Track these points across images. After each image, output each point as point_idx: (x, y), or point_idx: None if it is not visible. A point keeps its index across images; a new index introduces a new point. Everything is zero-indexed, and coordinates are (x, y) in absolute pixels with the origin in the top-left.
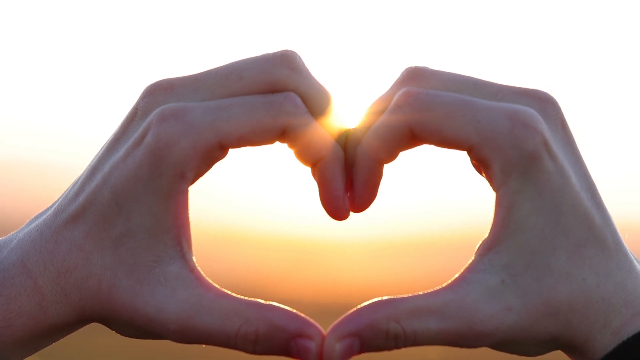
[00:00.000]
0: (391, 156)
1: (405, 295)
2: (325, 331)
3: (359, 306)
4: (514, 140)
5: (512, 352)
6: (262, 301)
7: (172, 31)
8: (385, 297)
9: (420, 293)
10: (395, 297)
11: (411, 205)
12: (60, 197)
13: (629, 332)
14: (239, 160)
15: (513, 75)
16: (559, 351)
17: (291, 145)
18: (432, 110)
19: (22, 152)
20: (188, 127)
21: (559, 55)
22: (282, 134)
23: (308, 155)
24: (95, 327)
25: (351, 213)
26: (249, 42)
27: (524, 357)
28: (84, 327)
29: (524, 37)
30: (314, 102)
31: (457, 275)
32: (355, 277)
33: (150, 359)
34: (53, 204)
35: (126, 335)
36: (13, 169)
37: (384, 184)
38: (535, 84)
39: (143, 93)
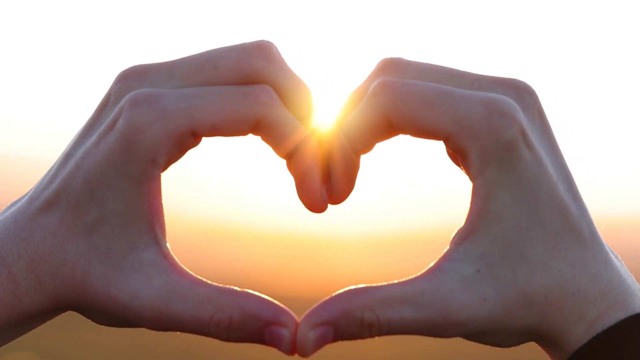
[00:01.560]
0: (368, 147)
1: (380, 284)
2: (299, 319)
3: (333, 294)
4: (491, 129)
5: (486, 343)
6: (237, 288)
7: (147, 20)
8: (359, 285)
9: (395, 282)
10: (369, 285)
11: (407, 200)
12: (36, 184)
13: (603, 324)
14: (231, 154)
15: (496, 70)
16: (535, 345)
17: (265, 138)
18: (408, 100)
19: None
20: (160, 112)
21: (544, 52)
22: (256, 126)
23: (283, 148)
24: (93, 325)
25: (329, 205)
26: (225, 30)
27: (497, 348)
28: (81, 325)
29: (508, 31)
30: (289, 94)
31: (432, 264)
32: (351, 273)
33: (152, 357)
34: (28, 192)
35: (102, 324)
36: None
37: (363, 176)
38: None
39: (116, 78)
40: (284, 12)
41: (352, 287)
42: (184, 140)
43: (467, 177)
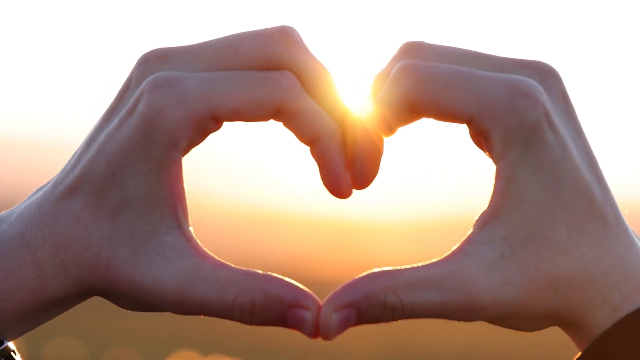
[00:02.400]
0: (391, 130)
1: (403, 267)
2: (321, 302)
3: (356, 277)
4: (514, 111)
5: (510, 327)
6: (259, 271)
7: (169, 5)
8: (382, 268)
9: (418, 265)
10: (392, 268)
11: (451, 186)
12: (61, 170)
13: (627, 308)
14: (273, 139)
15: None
16: (558, 336)
17: (287, 124)
18: (431, 82)
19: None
20: (181, 95)
21: (562, 34)
22: (277, 112)
23: (305, 134)
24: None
25: (354, 191)
26: (247, 16)
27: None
28: (125, 312)
29: (527, 14)
30: (310, 80)
31: (455, 247)
32: (393, 259)
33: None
34: (54, 177)
35: (127, 308)
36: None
37: (385, 160)
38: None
39: (138, 62)
40: None
41: (375, 270)
42: (205, 124)
43: (490, 160)
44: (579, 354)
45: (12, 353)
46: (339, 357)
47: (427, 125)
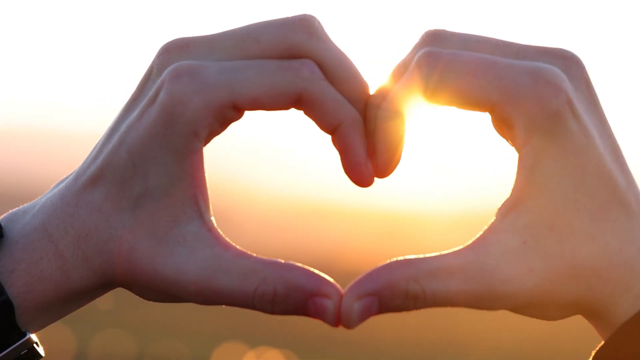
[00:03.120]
0: (412, 119)
1: (424, 255)
2: (343, 290)
3: (377, 266)
4: (537, 99)
5: (533, 316)
6: (281, 260)
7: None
8: (404, 257)
9: (440, 253)
10: (415, 256)
11: (497, 178)
12: (83, 161)
13: None
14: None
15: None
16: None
17: (307, 113)
18: (453, 70)
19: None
20: (201, 85)
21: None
22: (298, 101)
23: (326, 122)
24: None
25: (375, 179)
26: (267, 5)
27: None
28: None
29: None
30: (332, 68)
31: (478, 235)
32: (433, 250)
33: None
34: (76, 169)
35: (149, 299)
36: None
37: (407, 148)
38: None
39: (159, 51)
40: None
41: (396, 258)
42: (225, 113)
43: (513, 148)
44: (602, 342)
45: (34, 345)
46: (384, 350)
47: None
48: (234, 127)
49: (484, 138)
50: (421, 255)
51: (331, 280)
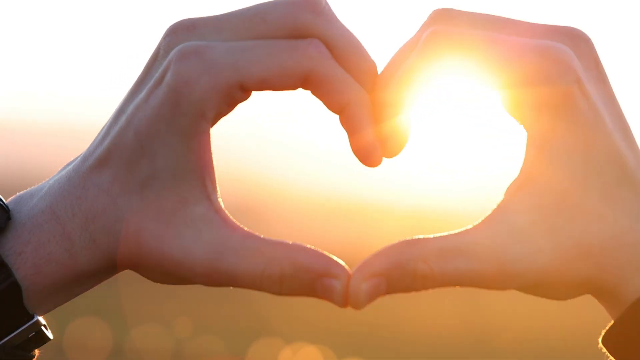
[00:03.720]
0: (421, 98)
1: (432, 235)
2: (351, 271)
3: (385, 246)
4: (545, 78)
5: (542, 296)
6: (288, 241)
7: None
8: (412, 237)
9: (449, 233)
10: (423, 236)
11: None
12: (91, 143)
13: None
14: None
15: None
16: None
17: (315, 92)
18: (462, 49)
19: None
20: (208, 65)
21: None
22: (306, 81)
23: (333, 102)
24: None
25: (384, 159)
26: None
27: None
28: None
29: None
30: (339, 48)
31: (486, 215)
32: None
33: None
34: (83, 151)
35: (156, 281)
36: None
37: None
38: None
39: (165, 32)
40: None
41: (406, 238)
42: (233, 94)
43: (521, 127)
44: (612, 322)
45: (42, 327)
46: (419, 347)
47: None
48: (265, 122)
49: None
50: (429, 235)
51: (339, 260)
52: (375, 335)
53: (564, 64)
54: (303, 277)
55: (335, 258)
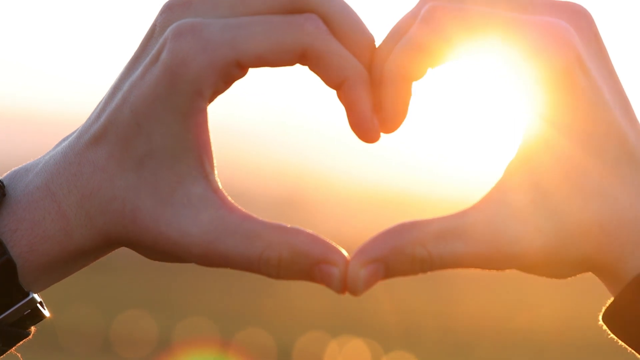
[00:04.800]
0: (420, 73)
1: (430, 218)
2: (349, 256)
3: (382, 230)
4: (546, 55)
5: (541, 275)
6: (287, 225)
7: None
8: (409, 220)
9: (447, 214)
10: (420, 219)
11: None
12: (86, 119)
13: None
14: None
15: None
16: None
17: (312, 68)
18: (461, 25)
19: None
20: (205, 43)
21: None
22: (303, 56)
23: (331, 78)
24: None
25: (382, 135)
26: None
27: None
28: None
29: None
30: (337, 23)
31: (484, 194)
32: None
33: None
34: (79, 127)
35: (152, 259)
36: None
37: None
38: None
39: (161, 9)
40: None
41: (401, 222)
42: (229, 72)
43: (521, 105)
44: (612, 299)
45: (38, 305)
46: (466, 340)
47: None
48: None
49: None
50: (426, 218)
51: (337, 246)
52: (421, 327)
53: (563, 40)
54: (301, 263)
55: (333, 244)
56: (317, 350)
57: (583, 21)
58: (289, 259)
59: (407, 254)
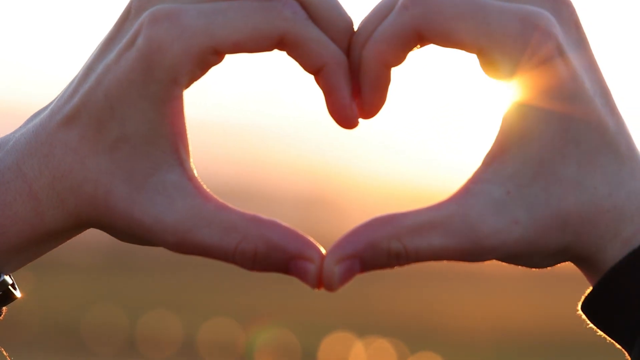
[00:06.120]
0: (399, 59)
1: (405, 211)
2: (325, 251)
3: (357, 225)
4: (525, 44)
5: (521, 265)
6: (263, 217)
7: None
8: (384, 214)
9: (423, 207)
10: (395, 213)
11: None
12: (58, 96)
13: (639, 240)
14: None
15: None
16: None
17: (290, 53)
18: (440, 12)
19: None
20: (181, 30)
21: None
22: (281, 42)
23: (309, 63)
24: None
25: (360, 120)
26: None
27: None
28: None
29: None
30: (314, 6)
31: (460, 186)
32: None
33: None
34: (50, 103)
35: (124, 241)
36: None
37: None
38: None
39: None
40: None
41: (378, 216)
42: (206, 59)
43: (500, 94)
44: (590, 288)
45: (9, 287)
46: (485, 340)
47: None
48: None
49: None
50: (402, 211)
51: (313, 240)
52: (447, 328)
53: (544, 30)
54: (276, 257)
55: (310, 238)
56: (342, 350)
57: (564, 9)
58: (264, 253)
59: (383, 248)
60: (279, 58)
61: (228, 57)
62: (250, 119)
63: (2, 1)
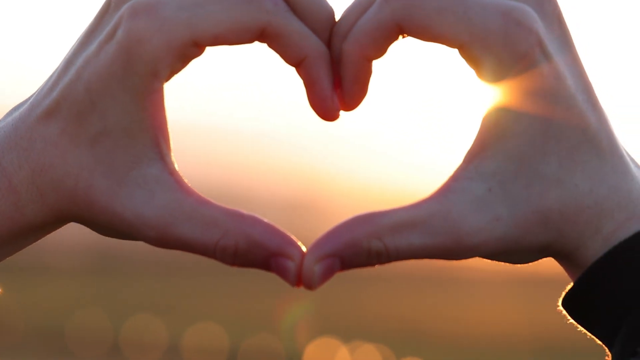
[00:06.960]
0: (379, 52)
1: (386, 209)
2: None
3: (338, 223)
4: (506, 40)
5: (503, 262)
6: (244, 212)
7: None
8: (364, 213)
9: (403, 206)
10: (375, 211)
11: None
12: (38, 89)
13: (620, 237)
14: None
15: None
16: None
17: (271, 46)
18: (421, 6)
19: None
20: (161, 22)
21: None
22: (261, 34)
23: (291, 56)
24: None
25: (342, 112)
26: None
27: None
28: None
29: None
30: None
31: (441, 184)
32: None
33: None
34: (31, 96)
35: (106, 236)
36: None
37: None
38: None
39: None
40: None
41: (359, 214)
42: (186, 51)
43: (480, 85)
44: (571, 284)
45: None
46: (475, 345)
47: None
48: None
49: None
50: (382, 210)
51: (294, 238)
52: (433, 333)
53: (525, 26)
54: (257, 253)
55: (290, 236)
56: (327, 355)
57: (546, 4)
58: (245, 249)
59: (363, 247)
60: (264, 62)
61: (219, 59)
62: (234, 123)
63: (2, 1)
